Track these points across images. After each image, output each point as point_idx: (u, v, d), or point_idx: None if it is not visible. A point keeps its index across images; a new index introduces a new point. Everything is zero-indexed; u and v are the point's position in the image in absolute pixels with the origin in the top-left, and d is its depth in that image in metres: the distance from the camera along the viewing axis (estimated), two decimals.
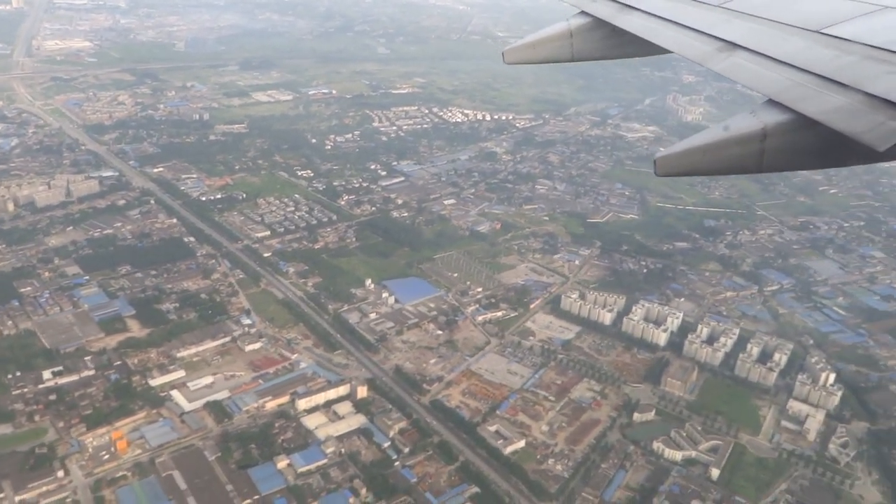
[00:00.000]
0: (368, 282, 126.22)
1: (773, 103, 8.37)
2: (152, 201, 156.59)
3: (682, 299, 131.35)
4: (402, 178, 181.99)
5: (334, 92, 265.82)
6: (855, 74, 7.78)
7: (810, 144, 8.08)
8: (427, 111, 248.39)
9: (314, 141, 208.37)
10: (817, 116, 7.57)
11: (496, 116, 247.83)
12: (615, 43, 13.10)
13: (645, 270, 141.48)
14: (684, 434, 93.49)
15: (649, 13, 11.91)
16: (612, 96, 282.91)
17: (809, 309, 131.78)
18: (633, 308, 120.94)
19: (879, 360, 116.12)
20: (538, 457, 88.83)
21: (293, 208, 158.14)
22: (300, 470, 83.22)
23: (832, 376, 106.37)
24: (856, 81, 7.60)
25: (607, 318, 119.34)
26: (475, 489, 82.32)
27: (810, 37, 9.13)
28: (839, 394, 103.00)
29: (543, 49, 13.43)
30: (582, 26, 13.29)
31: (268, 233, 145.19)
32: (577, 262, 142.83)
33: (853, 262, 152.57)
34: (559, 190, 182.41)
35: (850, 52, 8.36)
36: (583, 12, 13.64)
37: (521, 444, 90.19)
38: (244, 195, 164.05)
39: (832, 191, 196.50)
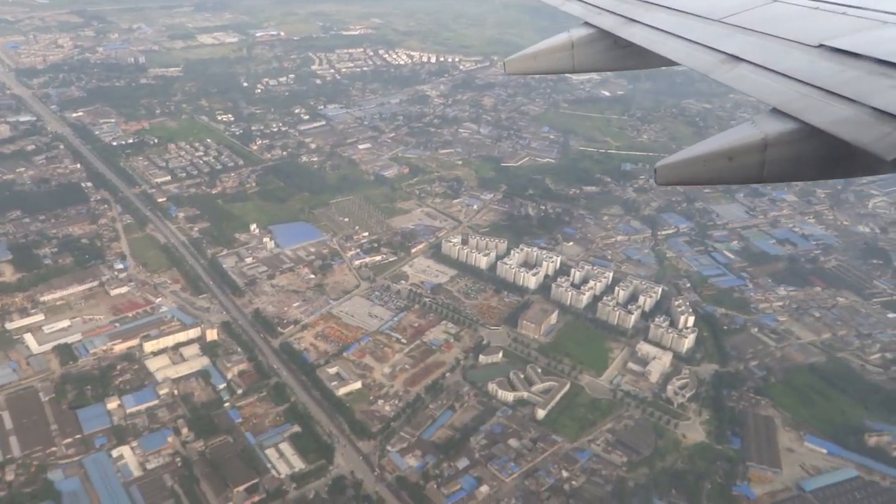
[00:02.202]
0: (253, 227, 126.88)
1: (772, 114, 8.42)
2: (61, 146, 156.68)
3: (571, 243, 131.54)
4: (323, 123, 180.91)
5: (282, 34, 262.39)
6: (859, 89, 7.87)
7: (812, 155, 8.10)
8: (372, 53, 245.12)
9: (246, 84, 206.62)
10: (824, 127, 7.63)
11: (442, 59, 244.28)
12: (617, 55, 13.12)
13: (542, 215, 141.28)
14: (522, 376, 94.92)
15: (652, 26, 12.07)
16: None
17: (699, 253, 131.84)
18: (511, 252, 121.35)
19: (752, 304, 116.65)
20: (371, 398, 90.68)
21: (202, 153, 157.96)
22: (129, 410, 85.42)
23: (691, 319, 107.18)
24: (860, 95, 7.70)
25: (483, 262, 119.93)
26: (297, 429, 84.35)
27: (812, 51, 9.26)
28: (692, 336, 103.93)
29: (545, 60, 13.48)
30: (584, 38, 13.30)
31: (168, 178, 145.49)
32: (475, 207, 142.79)
33: (762, 206, 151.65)
34: (482, 134, 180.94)
35: (853, 66, 8.43)
36: (586, 24, 13.67)
37: (357, 385, 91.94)
38: (156, 140, 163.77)
39: None
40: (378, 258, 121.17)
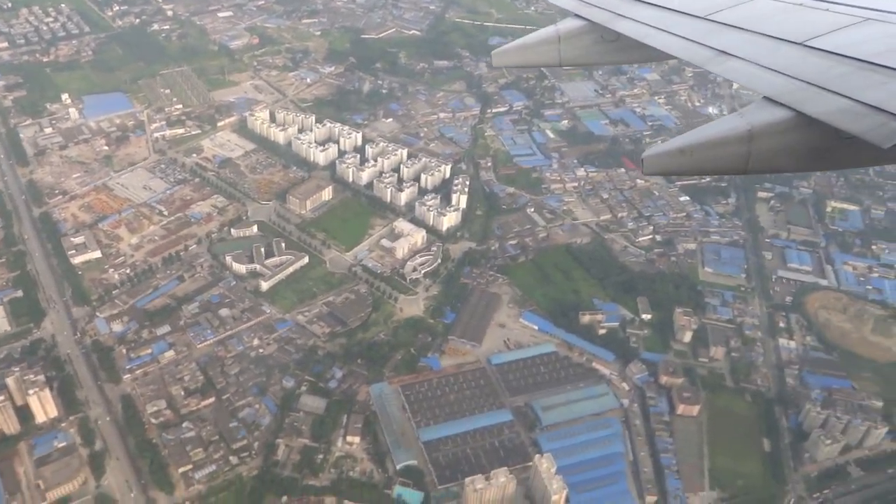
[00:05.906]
0: (65, 96, 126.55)
1: (760, 106, 8.51)
2: None
3: (390, 120, 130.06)
4: None
5: None
6: (848, 85, 8.02)
7: (798, 146, 8.23)
8: None
9: None
10: (819, 116, 7.76)
11: None
12: (602, 49, 13.24)
13: (375, 90, 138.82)
14: (263, 250, 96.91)
15: (642, 22, 12.20)
16: None
17: (520, 132, 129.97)
18: (312, 129, 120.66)
19: (544, 184, 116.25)
20: (105, 266, 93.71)
21: (52, 19, 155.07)
22: None
23: (464, 198, 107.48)
24: (851, 91, 7.86)
25: (281, 137, 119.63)
26: (18, 294, 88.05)
27: (799, 48, 9.37)
28: (453, 214, 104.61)
29: (531, 53, 13.58)
30: (571, 31, 13.29)
31: (6, 45, 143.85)
32: (308, 81, 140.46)
33: (616, 84, 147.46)
34: (357, 3, 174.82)
35: (840, 62, 8.60)
36: (574, 16, 13.66)
37: (97, 254, 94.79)
38: (10, 4, 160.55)
39: None
40: (181, 131, 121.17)
